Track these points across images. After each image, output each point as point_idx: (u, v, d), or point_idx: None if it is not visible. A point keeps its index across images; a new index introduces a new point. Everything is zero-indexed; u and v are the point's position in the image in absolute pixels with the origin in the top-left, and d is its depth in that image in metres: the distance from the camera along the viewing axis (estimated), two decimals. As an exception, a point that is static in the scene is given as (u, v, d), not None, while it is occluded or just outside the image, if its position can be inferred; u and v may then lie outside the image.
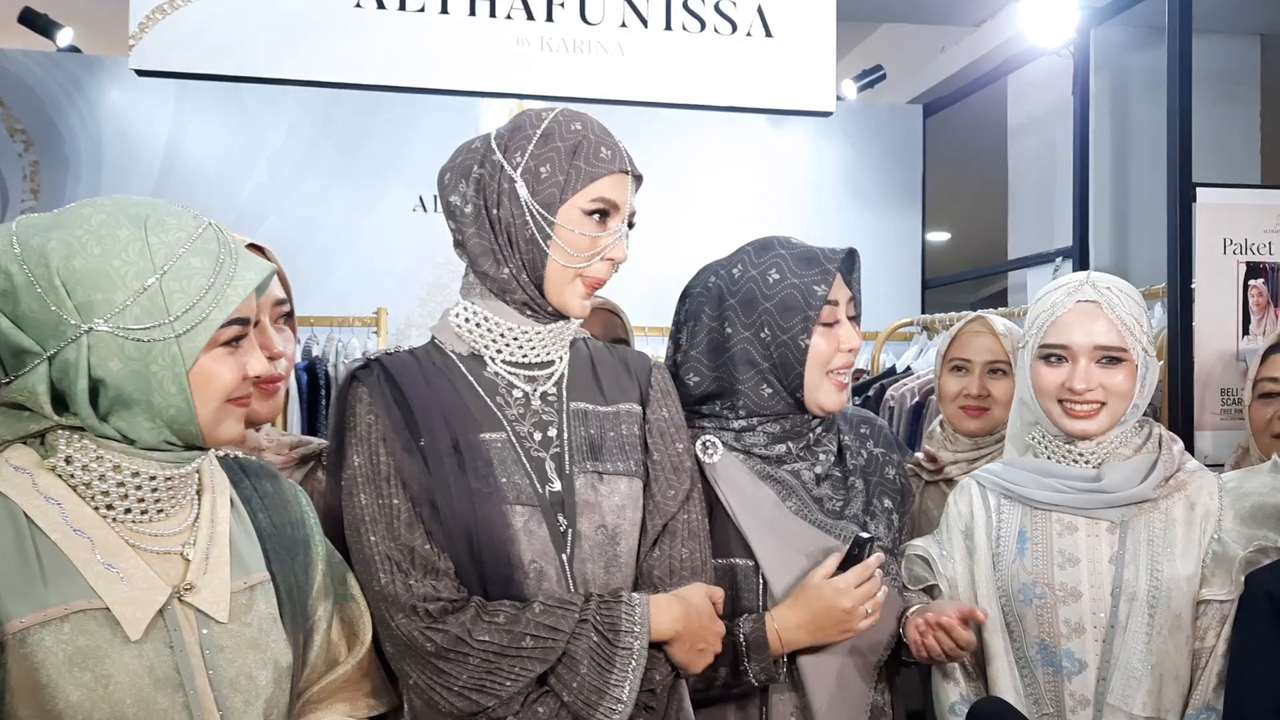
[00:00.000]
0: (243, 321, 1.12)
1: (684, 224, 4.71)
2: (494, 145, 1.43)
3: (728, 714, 1.57)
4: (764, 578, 1.57)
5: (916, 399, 3.66)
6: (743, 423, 1.65)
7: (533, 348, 1.46)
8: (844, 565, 1.52)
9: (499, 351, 1.45)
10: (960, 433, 2.30)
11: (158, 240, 1.08)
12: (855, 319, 1.67)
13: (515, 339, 1.45)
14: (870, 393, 3.92)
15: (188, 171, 4.62)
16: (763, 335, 1.61)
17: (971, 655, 1.69)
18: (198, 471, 1.19)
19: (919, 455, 2.35)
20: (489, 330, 1.45)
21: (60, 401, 1.08)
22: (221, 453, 1.28)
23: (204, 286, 1.08)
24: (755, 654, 1.50)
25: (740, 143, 4.97)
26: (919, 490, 2.27)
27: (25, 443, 1.09)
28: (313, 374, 3.95)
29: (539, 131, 1.42)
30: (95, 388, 1.07)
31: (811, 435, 1.66)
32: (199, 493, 1.19)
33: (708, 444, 1.63)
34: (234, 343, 1.12)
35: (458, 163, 1.46)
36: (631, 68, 2.84)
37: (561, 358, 1.49)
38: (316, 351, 4.12)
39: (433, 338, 1.49)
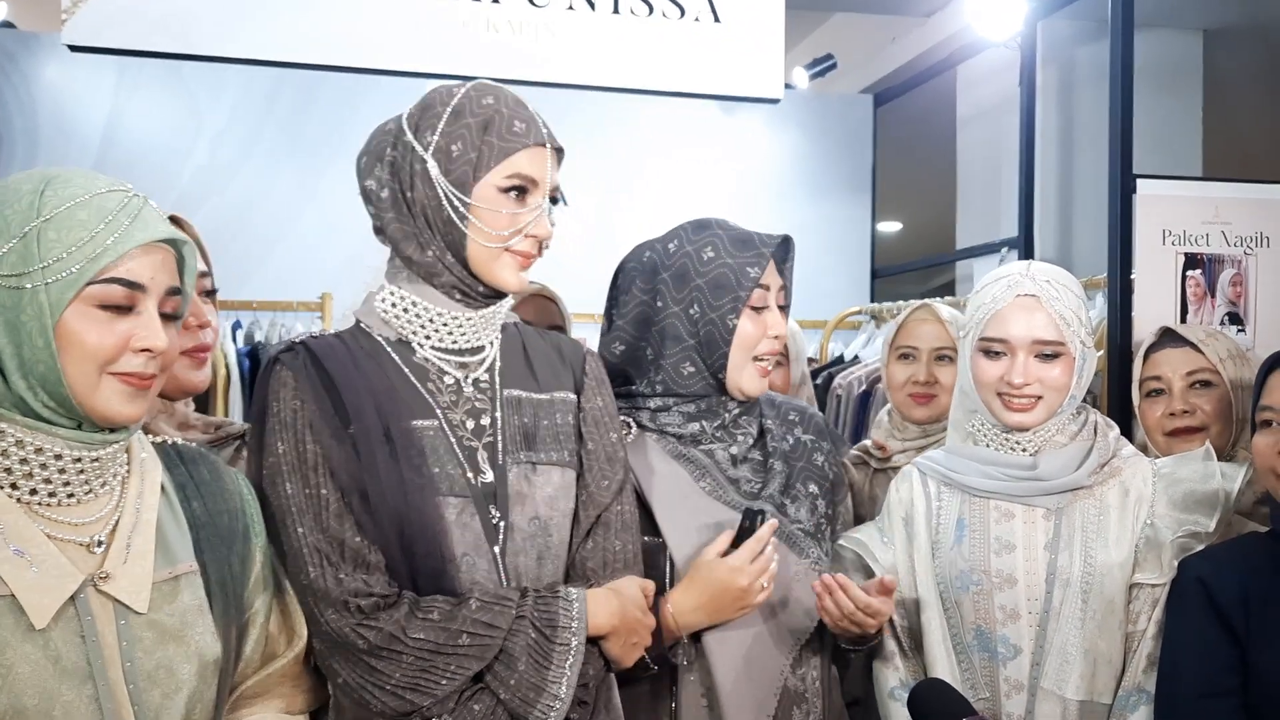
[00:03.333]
0: (129, 284, 1.07)
1: (631, 209, 4.70)
2: (405, 126, 1.39)
3: (640, 696, 1.55)
4: (670, 557, 1.56)
5: (864, 387, 3.69)
6: (659, 401, 1.64)
7: (463, 333, 1.42)
8: (738, 540, 1.50)
9: (428, 337, 1.41)
10: (908, 420, 2.31)
11: (52, 194, 1.06)
12: (785, 309, 1.67)
13: (445, 324, 1.41)
14: (818, 381, 3.94)
15: (127, 151, 4.51)
16: (692, 311, 1.61)
17: (910, 640, 1.71)
18: (128, 456, 1.15)
19: (867, 443, 2.37)
20: (417, 315, 1.40)
21: None
22: (159, 438, 1.24)
23: (83, 239, 1.05)
24: (652, 640, 1.46)
25: (691, 130, 4.96)
26: (868, 478, 2.29)
27: None
28: (255, 359, 3.88)
29: (449, 108, 1.37)
30: None
31: (727, 415, 1.65)
32: (126, 479, 1.15)
33: (622, 424, 1.62)
34: (121, 310, 1.07)
35: (371, 146, 1.42)
36: (578, 51, 2.82)
37: (493, 343, 1.45)
38: (259, 336, 4.06)
39: (357, 321, 1.44)
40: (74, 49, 2.76)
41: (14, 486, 1.06)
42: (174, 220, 1.51)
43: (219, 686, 1.17)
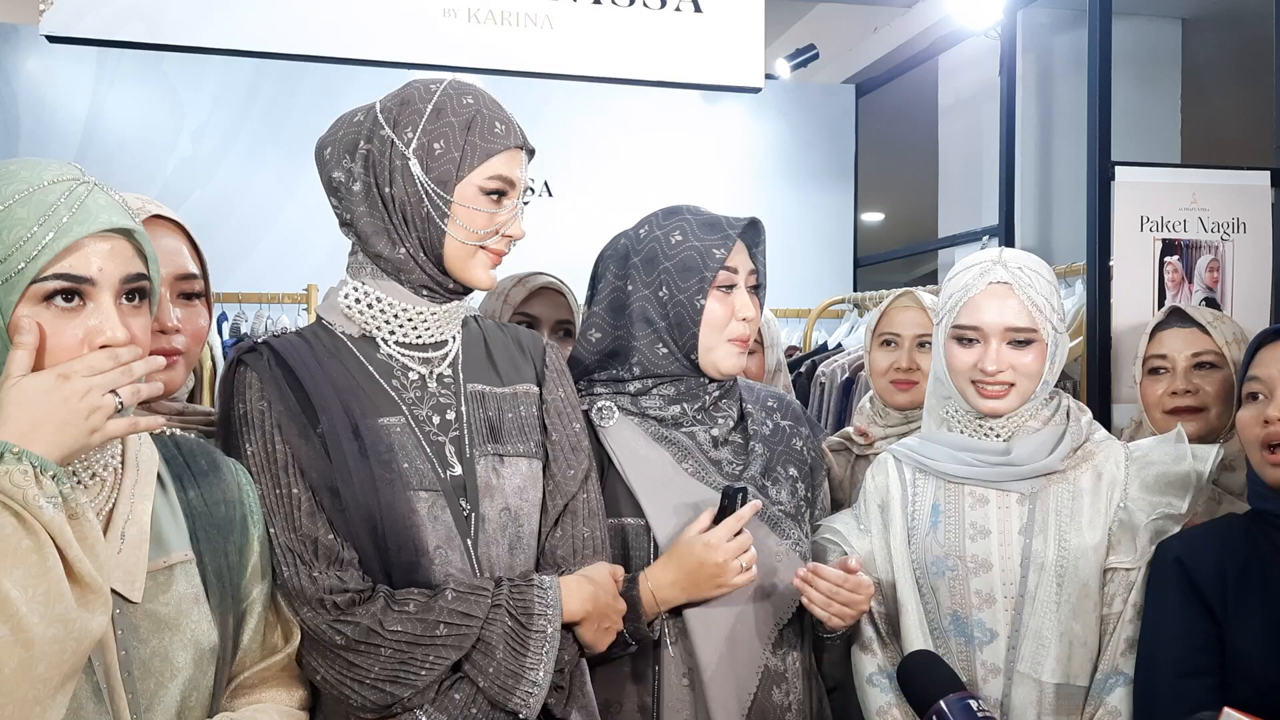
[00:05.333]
0: (73, 278, 1.04)
1: (615, 199, 4.69)
2: (381, 119, 1.38)
3: (622, 675, 1.57)
4: (654, 538, 1.57)
5: (847, 375, 3.70)
6: (638, 384, 1.65)
7: (427, 328, 1.43)
8: (720, 519, 1.51)
9: (391, 333, 1.42)
10: (890, 406, 2.32)
11: None
12: (756, 291, 1.68)
13: (410, 319, 1.42)
14: (802, 369, 3.96)
15: (108, 144, 4.48)
16: (661, 294, 1.63)
17: (888, 625, 1.72)
18: (122, 446, 1.15)
19: (849, 430, 2.38)
20: (381, 311, 1.41)
21: None
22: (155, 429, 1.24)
23: (23, 238, 1.02)
24: (629, 615, 1.49)
25: (674, 120, 4.95)
26: (849, 464, 2.30)
27: None
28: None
29: (430, 105, 1.37)
30: None
31: (708, 398, 1.67)
32: (120, 470, 1.14)
33: (603, 409, 1.64)
34: (73, 307, 1.05)
35: (339, 136, 1.41)
36: (560, 41, 2.82)
37: (455, 337, 1.47)
38: (245, 329, 4.05)
39: (319, 318, 1.45)
40: (52, 39, 2.74)
41: None
42: (172, 222, 1.48)
43: (216, 675, 1.17)
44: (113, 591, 1.07)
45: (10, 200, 1.04)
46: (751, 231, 1.66)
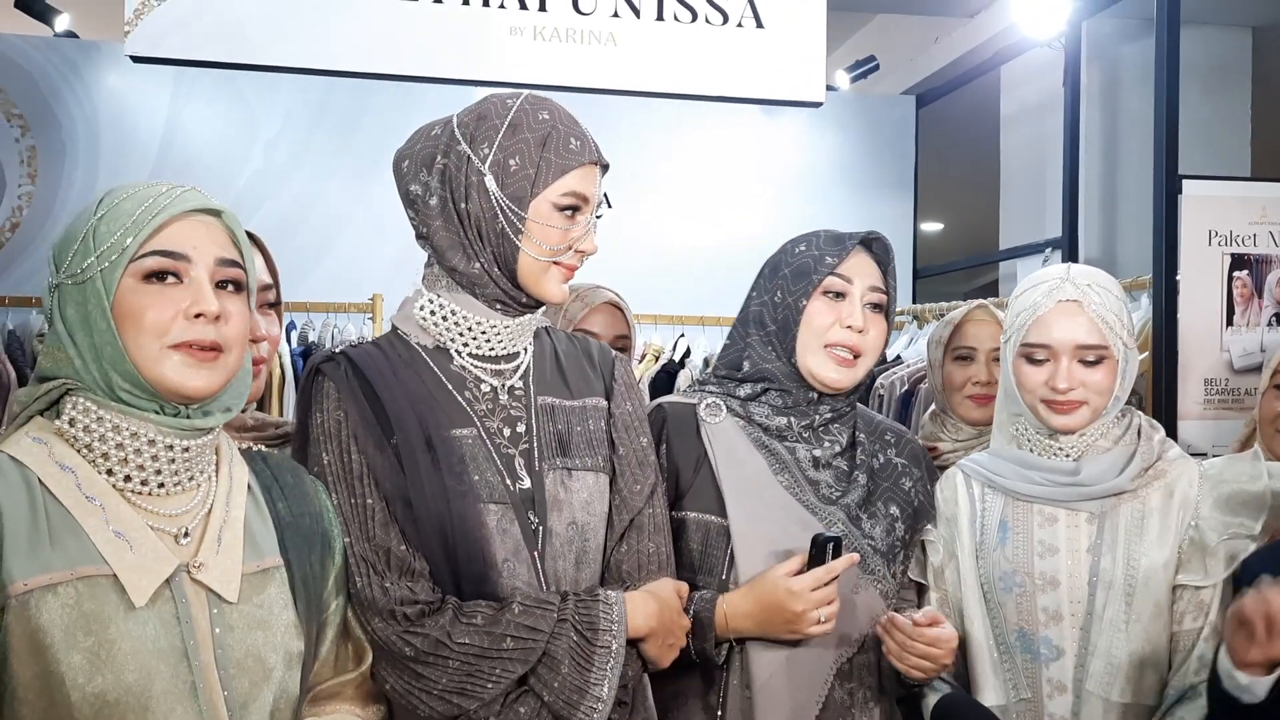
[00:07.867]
0: (170, 254, 1.12)
1: (675, 212, 4.73)
2: (458, 134, 1.39)
3: (692, 684, 1.58)
4: (732, 542, 1.58)
5: (906, 387, 3.69)
6: (749, 388, 1.67)
7: (500, 340, 1.44)
8: (813, 564, 1.50)
9: (465, 345, 1.42)
10: (967, 422, 2.30)
11: (108, 197, 1.15)
12: (880, 309, 1.67)
13: (483, 331, 1.42)
14: (860, 381, 3.94)
15: (184, 156, 4.62)
16: (775, 298, 1.67)
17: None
18: (217, 457, 1.20)
19: (915, 443, 2.37)
20: (456, 324, 1.42)
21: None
22: (244, 445, 1.29)
23: (124, 224, 1.12)
24: (698, 633, 1.50)
25: (734, 132, 4.97)
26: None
27: (43, 415, 1.13)
28: (308, 360, 3.95)
29: (506, 121, 1.38)
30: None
31: (817, 416, 1.67)
32: (215, 477, 1.19)
33: (711, 405, 1.67)
34: (170, 282, 1.12)
35: (417, 150, 1.43)
36: (624, 57, 2.86)
37: (526, 349, 1.47)
38: (313, 337, 4.14)
39: (394, 328, 1.47)
40: (136, 60, 2.85)
41: (110, 473, 1.11)
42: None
43: (301, 680, 1.20)
44: (210, 591, 1.13)
45: (120, 199, 1.15)
46: (879, 248, 1.67)
